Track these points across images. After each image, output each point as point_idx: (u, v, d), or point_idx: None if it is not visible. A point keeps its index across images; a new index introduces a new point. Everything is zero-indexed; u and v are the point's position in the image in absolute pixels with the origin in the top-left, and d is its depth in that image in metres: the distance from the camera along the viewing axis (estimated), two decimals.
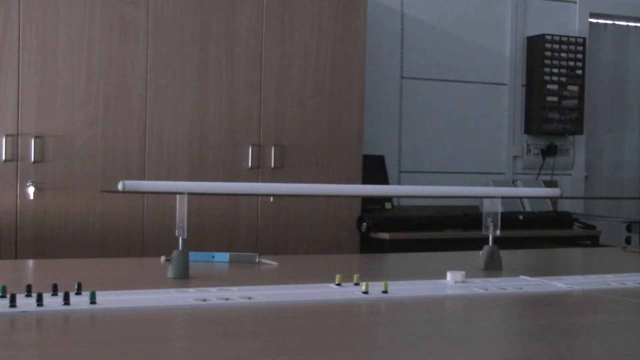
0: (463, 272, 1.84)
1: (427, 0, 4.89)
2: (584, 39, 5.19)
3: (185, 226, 1.80)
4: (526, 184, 5.02)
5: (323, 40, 4.08)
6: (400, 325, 1.44)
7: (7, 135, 3.57)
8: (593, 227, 4.81)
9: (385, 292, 1.64)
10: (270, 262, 2.12)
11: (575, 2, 5.31)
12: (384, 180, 4.60)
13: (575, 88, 5.12)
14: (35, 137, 3.60)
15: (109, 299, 1.47)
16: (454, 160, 4.98)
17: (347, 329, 1.40)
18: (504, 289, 1.77)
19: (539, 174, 5.19)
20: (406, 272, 2.20)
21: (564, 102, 5.09)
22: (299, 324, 1.40)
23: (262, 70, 3.96)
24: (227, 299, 1.53)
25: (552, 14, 5.24)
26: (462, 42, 4.97)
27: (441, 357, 1.20)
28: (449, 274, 1.84)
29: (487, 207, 2.10)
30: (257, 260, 2.13)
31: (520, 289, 1.78)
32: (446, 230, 4.32)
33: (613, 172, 5.59)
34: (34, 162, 3.60)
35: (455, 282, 1.82)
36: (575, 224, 4.79)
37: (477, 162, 5.05)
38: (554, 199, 4.94)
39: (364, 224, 4.16)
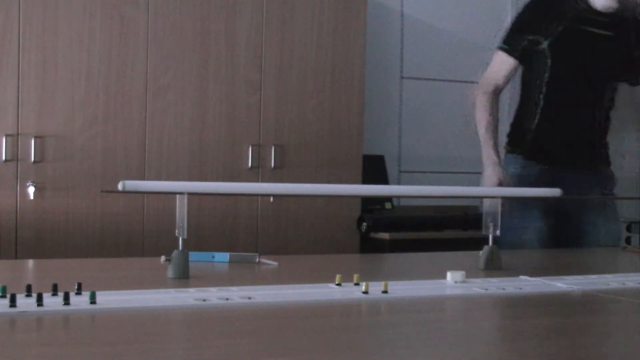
0: (463, 272, 1.84)
1: (427, 0, 4.88)
2: None
3: (185, 226, 1.79)
4: None
5: (323, 40, 4.08)
6: (400, 325, 1.44)
7: (7, 135, 3.57)
8: None
9: (385, 292, 1.64)
10: (270, 262, 2.11)
11: None
12: (384, 180, 4.59)
13: None
14: (35, 137, 3.60)
15: (109, 299, 1.47)
16: (454, 160, 4.97)
17: (347, 329, 1.39)
18: (503, 289, 1.77)
19: None
20: (406, 272, 2.20)
21: None
22: (299, 324, 1.40)
23: (262, 70, 3.96)
24: (227, 299, 1.53)
25: None
26: (462, 43, 4.97)
27: (441, 357, 1.20)
28: (449, 274, 1.84)
29: (487, 207, 2.10)
30: (257, 260, 2.13)
31: (520, 289, 1.78)
32: (446, 230, 4.32)
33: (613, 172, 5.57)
34: (34, 162, 3.60)
35: (455, 282, 1.82)
36: None
37: (477, 162, 5.03)
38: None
39: (364, 224, 4.16)
